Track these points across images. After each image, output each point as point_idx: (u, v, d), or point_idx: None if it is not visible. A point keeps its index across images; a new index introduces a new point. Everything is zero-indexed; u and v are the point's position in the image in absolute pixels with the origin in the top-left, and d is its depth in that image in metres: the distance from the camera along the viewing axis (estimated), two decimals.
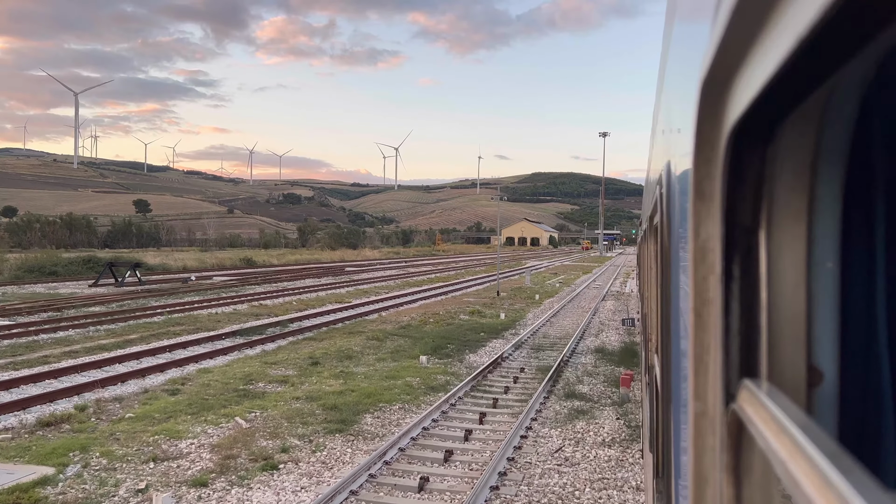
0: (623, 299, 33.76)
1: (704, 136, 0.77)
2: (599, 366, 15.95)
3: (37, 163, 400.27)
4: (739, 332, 0.72)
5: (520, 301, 31.17)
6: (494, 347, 18.08)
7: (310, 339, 18.48)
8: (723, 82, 0.71)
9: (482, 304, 29.12)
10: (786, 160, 0.70)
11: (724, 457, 0.72)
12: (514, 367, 15.58)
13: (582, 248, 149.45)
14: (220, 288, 34.88)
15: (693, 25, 0.93)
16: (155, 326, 20.17)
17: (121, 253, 61.08)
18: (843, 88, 0.66)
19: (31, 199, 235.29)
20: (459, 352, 17.07)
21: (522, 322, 23.71)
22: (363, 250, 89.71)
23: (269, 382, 12.99)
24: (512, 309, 27.70)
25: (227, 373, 13.77)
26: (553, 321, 24.26)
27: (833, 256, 0.72)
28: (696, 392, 0.84)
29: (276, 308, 25.87)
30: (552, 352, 17.78)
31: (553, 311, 26.57)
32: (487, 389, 13.28)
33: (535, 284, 41.36)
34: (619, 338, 20.44)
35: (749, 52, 0.63)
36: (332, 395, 11.88)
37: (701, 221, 0.79)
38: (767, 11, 0.56)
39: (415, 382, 13.26)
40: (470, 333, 20.15)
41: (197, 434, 9.60)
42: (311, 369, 14.19)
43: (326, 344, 17.47)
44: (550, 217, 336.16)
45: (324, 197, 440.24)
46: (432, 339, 18.43)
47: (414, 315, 24.02)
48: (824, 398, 0.71)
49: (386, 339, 18.40)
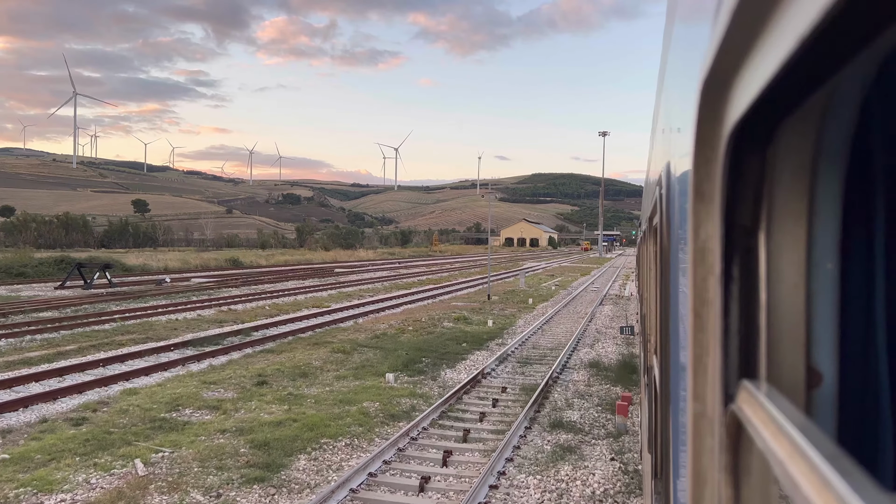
0: (622, 304, 31.69)
1: (704, 136, 0.77)
2: (593, 384, 13.89)
3: (36, 162, 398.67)
4: (739, 333, 0.73)
5: (511, 306, 29.10)
6: (476, 361, 16.02)
7: (267, 351, 16.40)
8: (723, 83, 0.71)
9: (471, 309, 27.05)
10: (785, 161, 0.70)
11: (723, 457, 0.72)
12: (495, 386, 13.53)
13: (581, 249, 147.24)
14: (194, 291, 32.84)
15: (693, 26, 0.93)
16: (101, 335, 18.11)
17: (116, 253, 59.22)
18: (842, 90, 0.66)
19: (30, 199, 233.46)
20: (435, 367, 15.01)
21: (511, 330, 21.64)
22: (357, 251, 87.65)
23: (199, 408, 10.92)
24: (502, 315, 25.63)
25: (154, 395, 11.71)
26: (545, 329, 22.20)
27: (832, 258, 0.72)
28: (695, 393, 0.84)
29: (244, 314, 23.81)
30: (541, 366, 15.72)
31: (546, 318, 24.51)
32: (460, 416, 11.23)
33: (529, 287, 39.30)
34: (616, 349, 18.39)
35: (749, 53, 0.64)
36: (268, 428, 9.82)
37: (700, 222, 0.80)
38: (768, 12, 0.56)
39: (373, 408, 11.20)
40: (451, 344, 18.07)
41: (75, 486, 7.52)
42: (254, 391, 12.12)
43: (284, 358, 15.40)
44: (550, 218, 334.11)
45: (323, 197, 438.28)
46: (406, 352, 16.37)
47: (393, 322, 21.95)
48: (823, 399, 0.71)
49: (353, 351, 16.32)
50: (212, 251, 73.06)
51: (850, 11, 0.45)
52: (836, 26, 0.48)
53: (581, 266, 70.36)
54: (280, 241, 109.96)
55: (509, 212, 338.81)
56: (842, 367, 0.72)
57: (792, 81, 0.58)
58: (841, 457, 0.45)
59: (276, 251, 79.00)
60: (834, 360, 0.72)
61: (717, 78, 0.71)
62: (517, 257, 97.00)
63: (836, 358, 0.72)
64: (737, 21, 0.60)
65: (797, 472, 0.47)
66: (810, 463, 0.46)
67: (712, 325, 0.77)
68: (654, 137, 3.12)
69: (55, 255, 44.79)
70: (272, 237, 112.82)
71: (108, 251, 69.18)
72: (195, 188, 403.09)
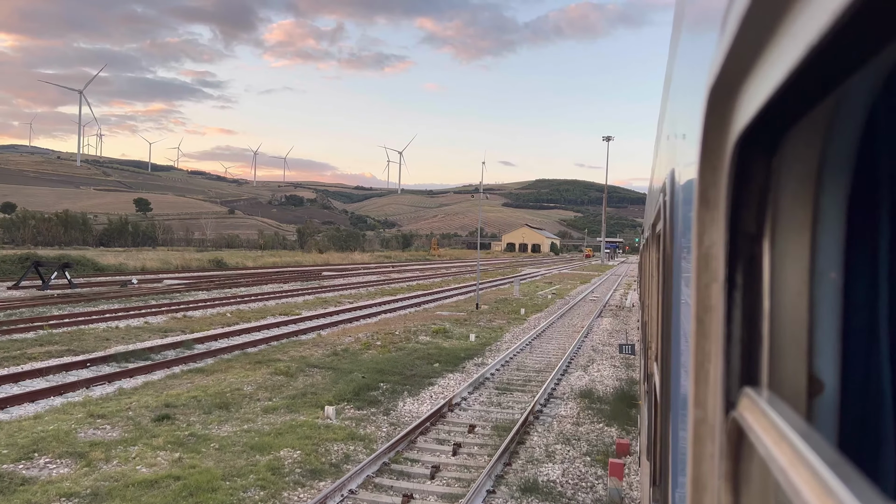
0: (622, 316, 29.06)
1: (711, 144, 0.78)
2: (583, 421, 11.29)
3: (40, 160, 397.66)
4: (741, 340, 0.73)
5: (501, 316, 26.48)
6: (446, 386, 13.43)
7: (197, 371, 13.81)
8: (730, 90, 0.72)
9: (455, 319, 24.44)
10: (791, 169, 0.70)
11: (724, 464, 0.72)
12: (461, 423, 10.94)
13: (584, 255, 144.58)
14: (158, 294, 30.32)
15: (701, 33, 0.93)
16: (15, 346, 15.57)
17: (97, 252, 57.01)
18: (850, 98, 0.67)
19: (32, 196, 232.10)
20: (393, 395, 12.43)
21: (496, 346, 19.03)
22: (352, 253, 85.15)
23: (61, 456, 8.34)
24: (488, 327, 23.02)
25: (18, 432, 9.14)
26: (535, 345, 19.59)
27: (836, 267, 0.72)
28: (696, 399, 0.85)
29: (199, 322, 21.25)
30: (523, 395, 13.13)
31: (538, 331, 21.91)
32: (406, 470, 8.64)
33: (524, 296, 36.67)
34: (613, 372, 15.78)
35: (757, 61, 0.64)
36: (135, 491, 7.24)
37: (705, 229, 0.80)
38: (777, 19, 0.56)
39: (291, 459, 8.60)
40: (420, 364, 15.48)
41: None
42: (148, 429, 9.54)
43: (212, 380, 12.82)
44: (553, 224, 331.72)
45: (326, 200, 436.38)
46: (364, 374, 13.78)
47: (362, 335, 19.34)
48: (824, 408, 0.72)
49: (299, 373, 13.73)
50: (208, 251, 71.48)
51: (859, 20, 0.45)
52: (845, 35, 0.47)
53: (581, 274, 67.67)
54: (281, 242, 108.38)
55: (512, 217, 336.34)
56: (843, 376, 0.72)
57: (799, 89, 0.58)
58: (843, 464, 0.45)
59: (267, 253, 76.48)
60: (836, 369, 0.72)
61: (724, 85, 0.71)
62: (517, 263, 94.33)
63: (838, 367, 0.72)
64: (746, 28, 0.60)
65: (799, 479, 0.47)
66: (812, 470, 0.45)
67: (715, 331, 0.78)
68: (659, 144, 3.08)
69: (19, 253, 42.29)
70: (273, 238, 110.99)
71: (106, 249, 69.10)
72: (199, 188, 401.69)
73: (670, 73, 1.95)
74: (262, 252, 77.72)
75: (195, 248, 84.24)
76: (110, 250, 67.39)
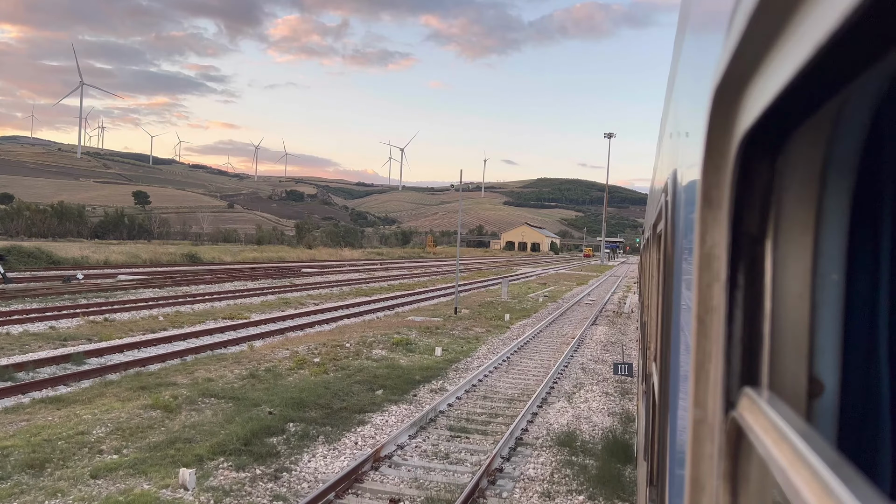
0: (620, 324, 25.78)
1: (714, 143, 0.78)
2: (557, 491, 8.02)
3: (41, 151, 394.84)
4: (742, 341, 0.73)
5: (482, 323, 23.18)
6: (381, 427, 10.16)
7: (54, 400, 10.49)
8: (735, 90, 0.71)
9: (426, 327, 21.13)
10: (795, 170, 0.70)
11: (722, 464, 0.73)
12: (383, 494, 7.66)
13: (583, 255, 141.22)
14: (103, 291, 27.10)
15: (706, 34, 0.92)
16: None
17: (89, 244, 53.93)
18: (854, 101, 0.67)
19: (31, 188, 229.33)
20: (301, 442, 9.14)
21: (465, 363, 15.75)
22: (342, 250, 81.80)
23: None
24: (462, 337, 19.71)
25: None
26: (514, 361, 16.31)
27: (838, 268, 0.72)
28: (695, 399, 0.85)
29: (119, 327, 17.97)
30: (482, 440, 9.86)
31: (520, 342, 18.63)
32: None
33: (512, 298, 33.38)
34: (605, 403, 12.50)
35: (763, 61, 0.64)
36: None
37: (707, 229, 0.80)
38: (784, 21, 0.56)
39: None
40: (359, 391, 12.18)
41: None
42: None
43: (61, 416, 9.51)
44: (554, 223, 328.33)
45: (327, 195, 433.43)
46: (274, 409, 10.48)
47: (303, 347, 16.02)
48: (824, 409, 0.72)
49: (187, 405, 10.40)
50: (193, 245, 68.96)
51: (866, 21, 0.45)
52: (852, 36, 0.47)
53: (579, 274, 64.31)
54: (278, 237, 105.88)
55: (512, 216, 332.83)
56: (844, 377, 0.72)
57: (805, 91, 0.58)
58: (842, 464, 0.45)
59: (250, 247, 73.07)
60: (836, 370, 0.72)
61: (729, 85, 0.71)
62: (513, 262, 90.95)
63: (839, 368, 0.72)
64: (752, 29, 0.59)
65: (798, 479, 0.47)
66: (812, 470, 0.46)
67: (716, 331, 0.78)
68: (662, 144, 3.05)
69: None
70: (270, 233, 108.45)
71: (100, 242, 67.07)
72: (199, 182, 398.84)
73: (674, 74, 1.94)
74: (245, 247, 74.33)
75: (190, 242, 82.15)
76: (105, 243, 64.91)
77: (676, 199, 1.44)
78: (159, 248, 55.23)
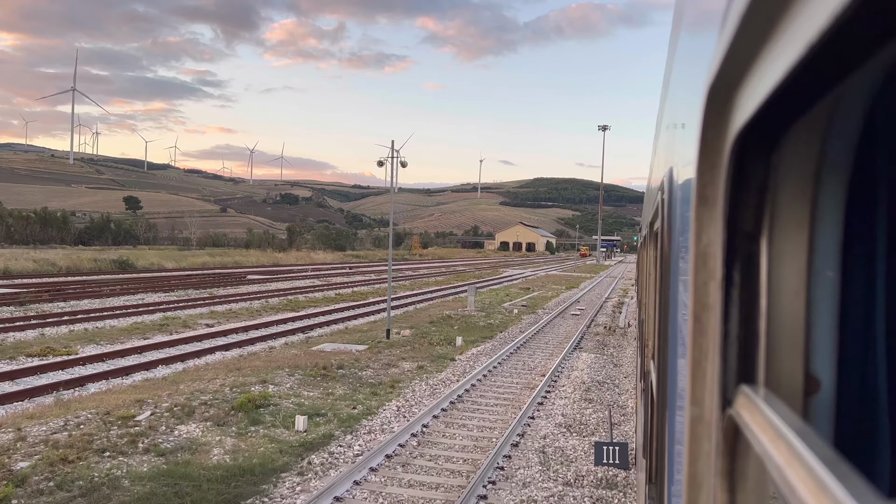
0: (613, 345, 19.40)
1: (709, 142, 0.78)
2: None
3: (34, 158, 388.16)
4: (738, 338, 0.73)
5: (418, 352, 16.77)
6: None
7: None
8: (729, 89, 0.72)
9: (331, 364, 14.60)
10: (789, 168, 0.71)
11: (719, 461, 0.72)
12: None
13: (579, 255, 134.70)
14: None
15: (700, 32, 0.93)
16: None
17: (47, 250, 47.99)
18: (848, 98, 0.67)
19: (21, 194, 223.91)
20: None
21: (339, 446, 9.30)
22: (314, 253, 75.56)
23: None
24: (373, 382, 13.31)
25: None
26: (431, 433, 9.84)
27: (833, 265, 0.72)
28: (693, 397, 0.85)
29: None
30: None
31: (459, 388, 12.28)
32: None
33: (480, 310, 27.02)
34: None
35: (756, 60, 0.64)
36: None
37: (703, 227, 0.80)
38: (777, 19, 0.57)
39: None
40: None
41: None
42: None
43: None
44: (551, 223, 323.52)
45: (322, 198, 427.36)
46: None
47: (38, 429, 9.39)
48: (820, 406, 0.72)
49: None
50: (194, 249, 65.71)
51: (858, 19, 0.45)
52: (845, 34, 0.47)
53: (571, 275, 58.31)
54: (269, 240, 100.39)
55: (509, 216, 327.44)
56: (840, 374, 0.72)
57: (798, 89, 0.59)
58: (839, 462, 0.45)
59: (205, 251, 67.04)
60: (832, 368, 0.72)
61: (723, 84, 0.71)
62: (503, 263, 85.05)
63: (835, 365, 0.72)
64: (745, 27, 0.60)
65: (795, 476, 0.47)
66: (808, 467, 0.46)
67: (712, 329, 0.78)
68: (657, 143, 3.10)
69: None
70: (261, 237, 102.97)
71: (84, 248, 64.60)
72: (193, 186, 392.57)
73: (669, 72, 1.95)
74: (201, 251, 68.46)
75: (178, 247, 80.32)
76: (88, 248, 62.85)
77: (672, 197, 1.46)
78: (85, 254, 48.68)
